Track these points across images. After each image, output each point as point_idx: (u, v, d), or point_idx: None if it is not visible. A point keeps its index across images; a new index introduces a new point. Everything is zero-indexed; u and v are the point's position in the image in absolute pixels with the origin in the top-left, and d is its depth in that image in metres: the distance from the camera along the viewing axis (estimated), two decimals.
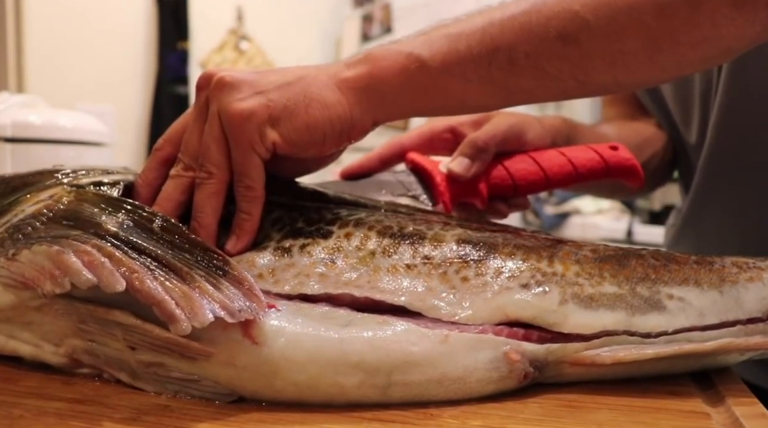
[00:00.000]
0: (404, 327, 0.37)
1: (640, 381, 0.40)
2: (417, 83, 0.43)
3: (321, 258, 0.41)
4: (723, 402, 0.38)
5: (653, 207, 2.43)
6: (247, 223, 0.43)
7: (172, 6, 2.98)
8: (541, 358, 0.39)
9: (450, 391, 0.37)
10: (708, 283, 0.42)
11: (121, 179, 0.44)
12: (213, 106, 0.42)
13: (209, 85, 0.43)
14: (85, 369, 0.39)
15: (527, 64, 0.42)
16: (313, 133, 0.42)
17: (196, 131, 0.43)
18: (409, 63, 0.42)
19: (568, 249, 0.43)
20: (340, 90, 0.43)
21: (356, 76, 0.43)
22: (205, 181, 0.42)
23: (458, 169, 0.56)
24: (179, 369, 0.36)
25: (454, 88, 0.43)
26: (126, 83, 2.92)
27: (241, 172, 0.42)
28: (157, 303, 0.34)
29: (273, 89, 0.42)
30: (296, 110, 0.42)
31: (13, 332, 0.40)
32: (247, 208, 0.43)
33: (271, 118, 0.41)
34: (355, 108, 0.43)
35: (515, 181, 0.58)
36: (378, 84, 0.43)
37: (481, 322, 0.39)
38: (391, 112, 0.45)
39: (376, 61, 0.43)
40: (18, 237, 0.38)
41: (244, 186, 0.43)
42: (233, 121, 0.41)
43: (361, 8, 3.13)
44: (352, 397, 0.36)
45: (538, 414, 0.36)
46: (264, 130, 0.41)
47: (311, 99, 0.42)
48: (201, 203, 0.42)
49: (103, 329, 0.37)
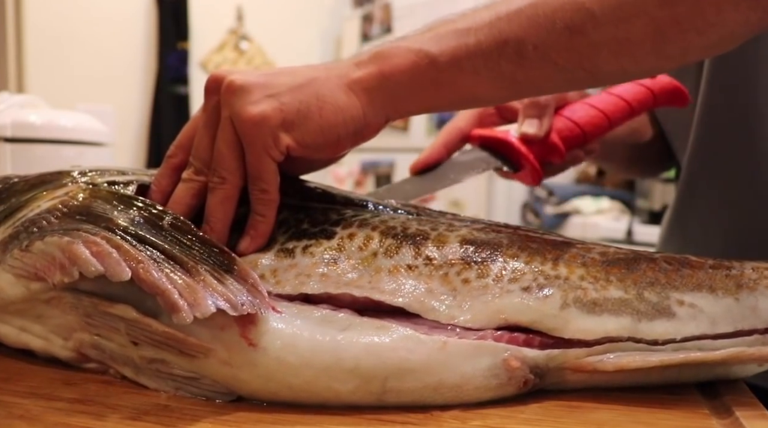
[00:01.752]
0: (402, 333, 0.36)
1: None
2: (427, 79, 0.43)
3: (323, 259, 0.41)
4: (723, 402, 0.38)
5: (653, 207, 2.43)
6: (262, 225, 0.43)
7: (172, 6, 2.98)
8: (542, 364, 0.38)
9: (447, 398, 0.37)
10: (723, 289, 0.40)
11: (135, 179, 0.45)
12: (225, 110, 0.42)
13: (219, 88, 0.43)
14: (91, 364, 0.40)
15: (536, 56, 0.42)
16: (328, 136, 0.42)
17: (206, 136, 0.43)
18: (419, 60, 0.42)
19: (575, 252, 0.42)
20: (352, 91, 0.43)
21: (367, 76, 0.43)
22: (219, 186, 0.42)
23: (532, 130, 0.58)
24: (180, 366, 0.36)
25: (464, 83, 0.43)
26: (126, 83, 2.92)
27: (255, 175, 0.42)
28: (160, 292, 0.34)
29: (285, 92, 0.42)
30: (309, 113, 0.42)
31: (24, 325, 0.41)
32: (262, 211, 0.43)
33: (284, 121, 0.41)
34: (367, 108, 0.43)
35: (582, 128, 0.61)
36: (389, 82, 0.43)
37: (480, 326, 0.38)
38: (403, 109, 0.45)
39: (385, 59, 0.43)
40: (33, 230, 0.40)
41: (259, 189, 0.43)
42: (247, 126, 0.41)
43: (361, 8, 3.13)
44: (347, 402, 0.36)
45: (537, 414, 0.36)
46: (278, 134, 0.41)
47: (324, 101, 0.42)
48: (214, 207, 0.42)
49: (108, 323, 0.38)
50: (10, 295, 0.40)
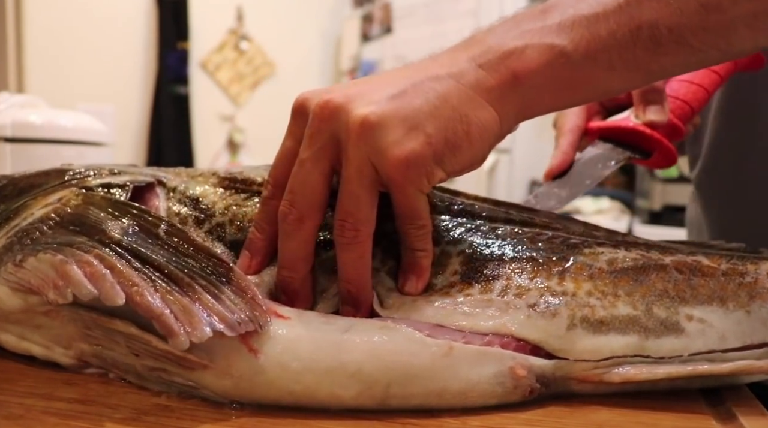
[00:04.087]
0: (406, 335, 0.35)
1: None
2: (561, 78, 0.39)
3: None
4: (723, 402, 0.38)
5: (653, 207, 2.42)
6: (425, 260, 0.39)
7: (172, 6, 2.98)
8: (549, 374, 0.37)
9: (451, 403, 0.36)
10: (734, 302, 0.39)
11: (129, 180, 0.43)
12: (357, 150, 0.36)
13: (326, 117, 0.37)
14: (92, 369, 0.40)
15: (670, 40, 0.39)
16: (476, 159, 0.39)
17: (317, 175, 0.37)
18: (553, 58, 0.38)
19: (581, 263, 0.40)
20: (488, 102, 0.38)
21: (501, 83, 0.38)
22: (354, 241, 0.37)
23: (658, 117, 0.57)
24: (180, 375, 0.36)
25: (598, 78, 0.40)
26: (126, 83, 2.92)
27: (410, 215, 0.38)
28: (156, 317, 0.34)
29: (426, 120, 0.36)
30: (457, 142, 0.37)
31: (24, 334, 0.41)
32: (422, 246, 0.39)
33: (435, 156, 0.37)
34: (504, 118, 0.39)
35: (690, 104, 0.61)
36: (523, 87, 0.39)
37: (487, 332, 0.37)
38: (532, 113, 0.41)
39: (516, 59, 0.38)
40: (26, 242, 0.39)
41: (416, 226, 0.39)
42: (398, 169, 0.36)
43: (361, 8, 3.13)
44: (350, 406, 0.35)
45: (538, 414, 0.36)
46: (431, 171, 0.37)
47: (468, 124, 0.37)
48: (352, 265, 0.38)
49: (108, 336, 0.37)
50: (8, 305, 0.39)
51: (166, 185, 0.44)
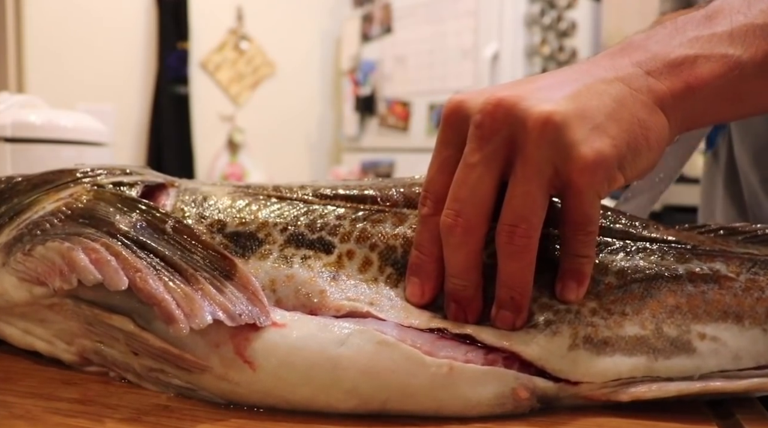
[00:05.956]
0: (404, 353, 0.34)
1: None
2: (732, 90, 0.37)
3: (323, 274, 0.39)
4: (723, 403, 0.38)
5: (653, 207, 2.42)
6: (588, 266, 0.37)
7: (172, 6, 2.98)
8: (552, 395, 0.36)
9: (447, 418, 0.35)
10: (751, 318, 0.37)
11: (140, 180, 0.44)
12: (539, 150, 0.34)
13: (510, 119, 0.34)
14: (94, 368, 0.40)
15: None
16: (652, 165, 0.37)
17: (493, 184, 0.35)
18: (729, 70, 0.37)
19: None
20: (662, 110, 0.36)
21: (673, 92, 0.37)
22: (524, 250, 0.35)
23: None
24: (178, 377, 0.36)
25: (766, 92, 0.38)
26: (126, 83, 2.92)
27: (583, 221, 0.36)
28: (157, 302, 0.34)
29: (607, 122, 0.35)
30: (638, 146, 0.35)
31: (29, 328, 0.41)
32: (588, 252, 0.37)
33: (618, 159, 0.35)
34: (673, 127, 0.37)
35: None
36: (695, 98, 0.37)
37: (490, 344, 0.36)
38: (695, 123, 0.39)
39: (689, 69, 0.37)
40: (36, 232, 0.39)
41: (586, 233, 0.36)
42: (584, 172, 0.34)
43: (361, 8, 3.13)
44: (347, 414, 0.35)
45: (539, 416, 0.36)
46: (614, 175, 0.35)
47: (647, 129, 0.36)
48: (518, 275, 0.35)
49: (108, 332, 0.38)
50: (14, 298, 0.40)
51: (178, 187, 0.45)
